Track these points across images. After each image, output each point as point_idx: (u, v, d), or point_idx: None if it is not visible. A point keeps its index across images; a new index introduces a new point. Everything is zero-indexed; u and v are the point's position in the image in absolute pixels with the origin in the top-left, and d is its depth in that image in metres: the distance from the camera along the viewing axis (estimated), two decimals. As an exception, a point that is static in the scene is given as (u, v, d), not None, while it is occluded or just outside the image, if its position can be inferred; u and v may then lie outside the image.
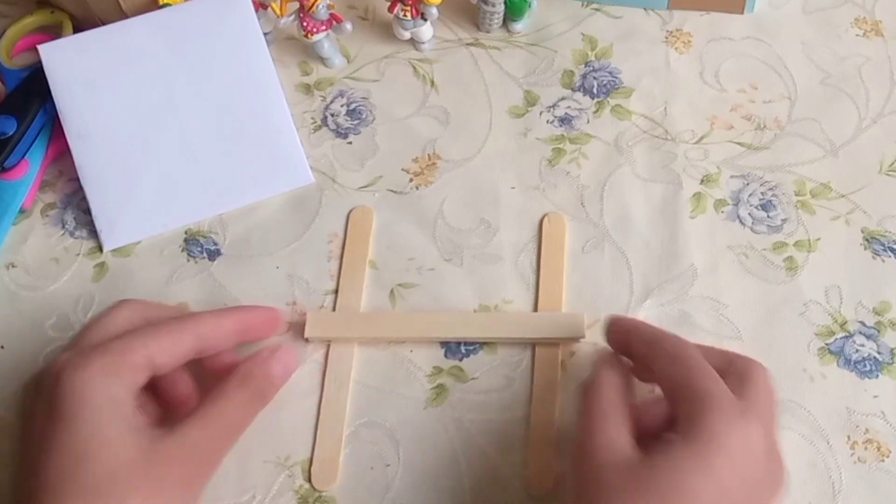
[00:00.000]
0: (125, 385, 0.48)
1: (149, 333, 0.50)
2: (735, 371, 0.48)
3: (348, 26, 0.70)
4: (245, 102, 0.67)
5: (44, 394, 0.47)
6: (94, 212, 0.65)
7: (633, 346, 0.52)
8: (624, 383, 0.51)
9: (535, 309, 0.60)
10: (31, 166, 0.67)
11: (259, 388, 0.53)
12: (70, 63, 0.66)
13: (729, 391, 0.45)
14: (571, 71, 0.71)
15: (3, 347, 0.61)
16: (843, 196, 0.64)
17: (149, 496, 0.45)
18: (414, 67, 0.72)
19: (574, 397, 0.57)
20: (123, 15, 0.68)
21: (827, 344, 0.59)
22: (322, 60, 0.73)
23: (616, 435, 0.46)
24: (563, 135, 0.68)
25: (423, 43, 0.73)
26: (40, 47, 0.66)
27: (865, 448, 0.55)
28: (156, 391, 0.54)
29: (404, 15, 0.69)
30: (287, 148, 0.67)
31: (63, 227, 0.66)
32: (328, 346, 0.60)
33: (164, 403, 0.54)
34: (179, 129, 0.66)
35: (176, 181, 0.66)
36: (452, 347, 0.60)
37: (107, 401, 0.46)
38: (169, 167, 0.66)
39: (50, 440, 0.45)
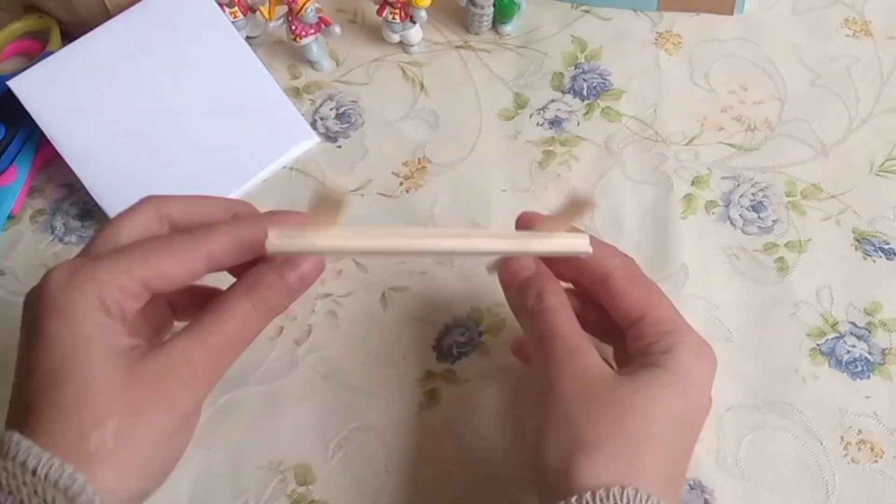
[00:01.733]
0: (112, 308, 0.44)
1: (150, 252, 0.45)
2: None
3: (337, 30, 0.70)
4: (229, 83, 0.68)
5: (31, 306, 0.45)
6: None
7: (573, 261, 0.50)
8: (570, 307, 0.50)
9: None
10: (20, 172, 0.66)
11: (267, 298, 0.47)
12: (45, 90, 0.66)
13: (687, 322, 0.49)
14: (561, 73, 0.71)
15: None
16: (833, 197, 0.64)
17: (127, 419, 0.42)
18: (403, 70, 0.72)
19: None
20: (110, 16, 0.68)
21: (818, 345, 0.59)
22: (311, 64, 0.73)
23: (594, 355, 0.47)
24: (553, 137, 0.68)
25: (413, 46, 0.73)
26: (10, 83, 0.65)
27: (859, 448, 0.55)
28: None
29: (393, 18, 0.69)
30: (282, 113, 0.69)
31: (52, 232, 0.66)
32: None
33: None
34: (177, 126, 0.67)
35: (189, 175, 0.66)
36: (445, 351, 0.60)
37: (90, 322, 0.43)
38: (178, 164, 0.66)
39: (29, 357, 0.43)
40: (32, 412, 0.42)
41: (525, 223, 0.51)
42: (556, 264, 0.51)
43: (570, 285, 0.53)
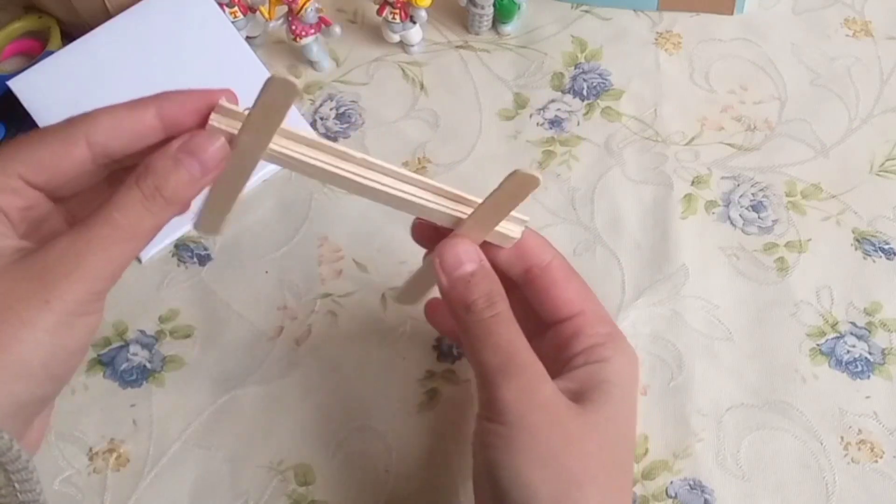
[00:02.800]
0: None
1: (23, 144, 0.42)
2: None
3: (337, 30, 0.70)
4: (229, 83, 0.67)
5: None
6: None
7: (518, 250, 0.48)
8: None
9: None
10: (20, 172, 0.66)
11: (161, 187, 0.41)
12: (45, 90, 0.66)
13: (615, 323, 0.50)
14: (561, 73, 0.71)
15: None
16: (833, 196, 0.64)
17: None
18: (403, 70, 0.72)
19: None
20: (109, 16, 0.68)
21: (818, 345, 0.59)
22: (311, 64, 0.72)
23: (551, 385, 0.45)
24: (553, 137, 0.68)
25: (413, 46, 0.72)
26: (10, 83, 0.65)
27: (859, 449, 0.55)
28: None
29: (393, 18, 0.69)
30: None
31: (52, 232, 0.66)
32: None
33: None
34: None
35: None
36: (445, 350, 0.60)
37: None
38: None
39: None
40: None
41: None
42: (491, 250, 0.47)
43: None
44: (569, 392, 0.45)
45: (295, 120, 0.69)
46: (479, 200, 0.46)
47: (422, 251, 0.52)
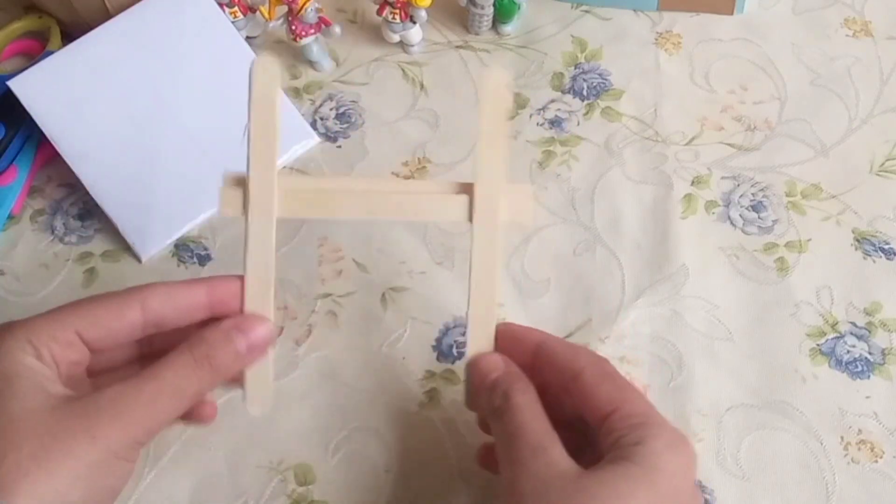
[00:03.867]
0: (47, 356, 0.44)
1: (83, 305, 0.46)
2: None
3: (337, 30, 0.70)
4: (229, 83, 0.68)
5: None
6: (119, 228, 0.65)
7: (545, 358, 0.49)
8: (539, 403, 0.48)
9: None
10: (20, 172, 0.66)
11: (210, 356, 0.46)
12: (45, 90, 0.66)
13: (662, 416, 0.46)
14: (561, 73, 0.71)
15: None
16: (833, 197, 0.64)
17: (45, 443, 0.42)
18: (403, 70, 0.72)
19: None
20: (109, 16, 0.68)
21: (818, 345, 0.59)
22: (311, 64, 0.73)
23: (559, 452, 0.45)
24: (553, 137, 0.68)
25: (413, 46, 0.73)
26: (10, 83, 0.65)
27: (859, 449, 0.55)
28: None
29: (393, 18, 0.69)
30: (282, 113, 0.68)
31: (52, 232, 0.66)
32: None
33: None
34: (178, 126, 0.67)
35: (190, 175, 0.66)
36: (445, 351, 0.60)
37: (17, 363, 0.44)
38: (179, 164, 0.66)
39: None
40: None
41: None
42: (528, 365, 0.49)
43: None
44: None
45: (287, 109, 0.69)
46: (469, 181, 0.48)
47: (420, 252, 0.53)
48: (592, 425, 0.47)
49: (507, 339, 0.50)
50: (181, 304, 0.48)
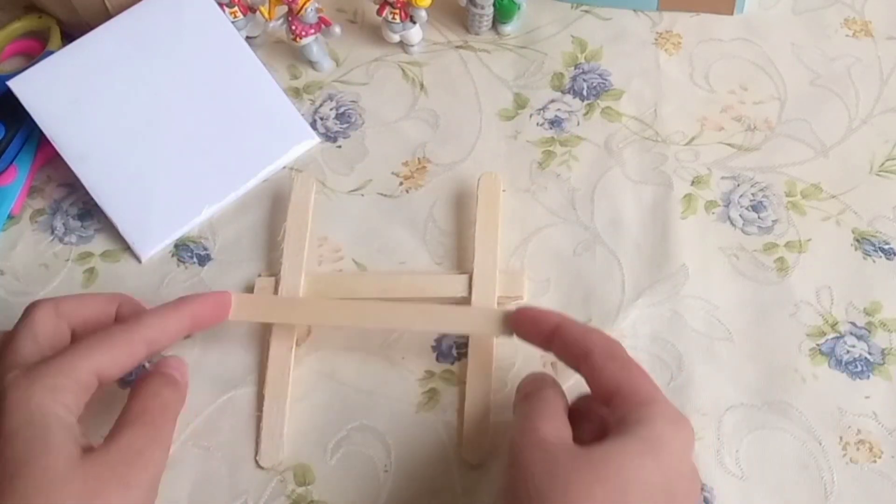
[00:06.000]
0: (71, 402, 0.48)
1: (95, 347, 0.50)
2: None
3: (337, 30, 0.70)
4: (229, 83, 0.68)
5: None
6: (119, 228, 0.65)
7: (559, 340, 0.52)
8: (565, 401, 0.51)
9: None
10: (20, 172, 0.66)
11: (166, 401, 0.54)
12: (45, 90, 0.65)
13: (665, 396, 0.48)
14: (561, 73, 0.71)
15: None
16: (833, 197, 0.64)
17: (86, 496, 0.45)
18: (403, 70, 0.72)
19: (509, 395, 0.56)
20: (109, 16, 0.68)
21: (818, 345, 0.59)
22: (311, 64, 0.73)
23: (565, 429, 0.48)
24: (553, 137, 0.68)
25: (413, 46, 0.73)
26: (10, 83, 0.65)
27: (857, 449, 0.55)
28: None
29: (393, 18, 0.69)
30: (282, 113, 0.69)
31: (52, 232, 0.66)
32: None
33: None
34: (176, 126, 0.67)
35: (189, 175, 0.66)
36: (444, 351, 0.60)
37: (53, 417, 0.47)
38: (178, 164, 0.66)
39: None
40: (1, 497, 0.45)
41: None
42: (545, 346, 0.53)
43: None
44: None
45: (287, 110, 0.69)
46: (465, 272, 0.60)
47: (420, 252, 0.56)
48: (600, 403, 0.49)
49: (527, 320, 0.54)
50: (173, 333, 0.54)
